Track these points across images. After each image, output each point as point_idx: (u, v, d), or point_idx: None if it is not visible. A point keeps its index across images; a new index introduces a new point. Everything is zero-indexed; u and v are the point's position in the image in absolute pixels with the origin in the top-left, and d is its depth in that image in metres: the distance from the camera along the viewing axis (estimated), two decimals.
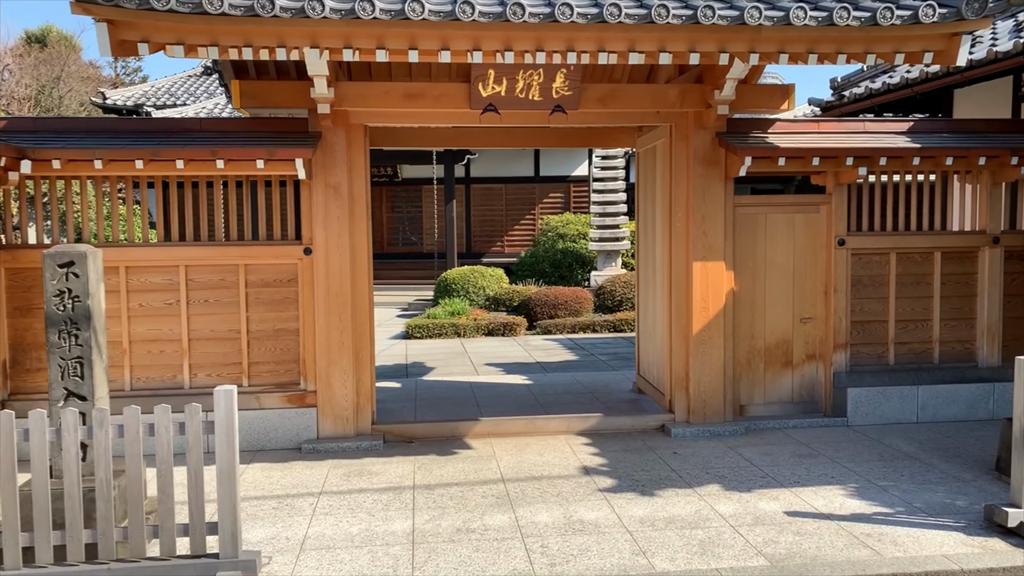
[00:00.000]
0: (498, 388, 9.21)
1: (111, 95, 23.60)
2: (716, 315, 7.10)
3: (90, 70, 32.63)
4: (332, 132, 6.66)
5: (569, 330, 14.65)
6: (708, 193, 7.05)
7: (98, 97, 23.36)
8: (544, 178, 23.89)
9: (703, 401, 7.15)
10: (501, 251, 23.81)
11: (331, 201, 6.69)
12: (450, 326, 14.39)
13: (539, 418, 7.24)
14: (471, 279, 16.98)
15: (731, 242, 7.15)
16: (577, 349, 12.84)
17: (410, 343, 13.76)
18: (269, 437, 6.78)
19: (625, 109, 6.92)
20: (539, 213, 23.59)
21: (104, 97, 23.36)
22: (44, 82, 30.23)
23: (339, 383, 6.78)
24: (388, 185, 24.36)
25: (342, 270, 6.73)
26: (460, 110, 6.75)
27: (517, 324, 14.59)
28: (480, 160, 23.72)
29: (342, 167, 6.68)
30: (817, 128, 7.29)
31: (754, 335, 7.33)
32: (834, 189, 7.25)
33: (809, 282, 7.35)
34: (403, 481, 5.92)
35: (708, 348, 7.12)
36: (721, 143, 6.95)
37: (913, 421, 7.42)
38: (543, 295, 15.52)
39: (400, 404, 8.35)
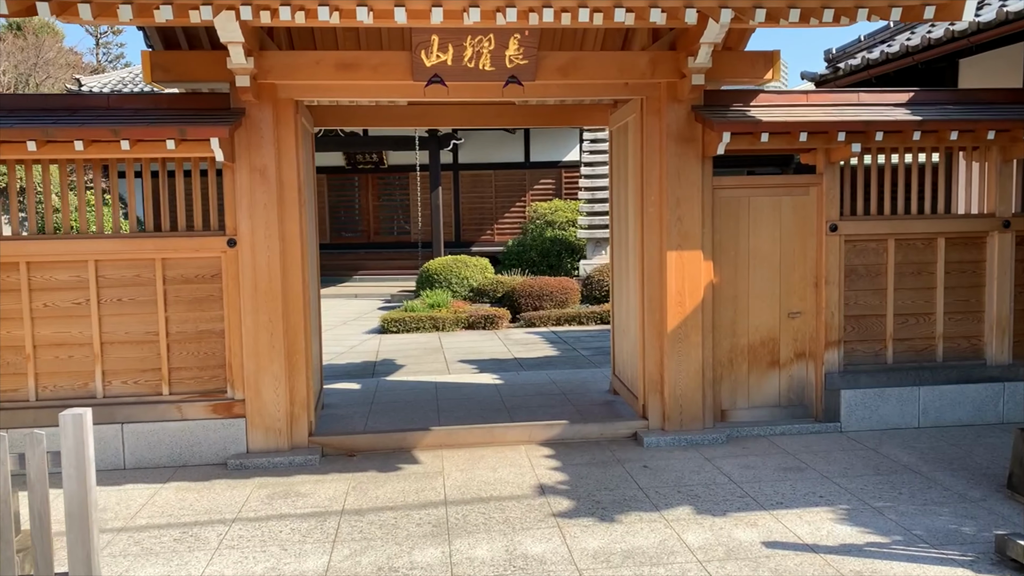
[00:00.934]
0: (465, 389, 8.49)
1: (87, 81, 22.83)
2: (694, 310, 6.36)
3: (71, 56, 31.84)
4: (257, 108, 5.92)
5: (554, 322, 13.92)
6: (683, 174, 6.29)
7: (73, 84, 22.61)
8: (535, 163, 23.10)
9: (679, 406, 6.42)
10: (491, 239, 23.06)
11: (257, 186, 5.95)
12: (428, 319, 13.67)
13: (498, 427, 6.52)
14: (454, 270, 16.25)
15: (710, 229, 6.40)
16: (559, 343, 12.11)
17: (384, 338, 13.05)
18: (193, 451, 6.07)
19: (589, 80, 6.15)
20: (530, 200, 22.82)
21: (79, 84, 22.59)
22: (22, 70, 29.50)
23: (270, 391, 6.07)
24: (374, 172, 23.61)
25: (270, 264, 5.99)
26: (402, 82, 6.00)
27: (499, 317, 13.87)
28: (468, 145, 22.94)
29: (269, 148, 5.94)
30: (806, 101, 6.51)
31: (737, 332, 6.59)
32: (825, 168, 6.48)
33: (798, 273, 6.60)
34: (331, 504, 5.21)
35: (685, 347, 6.39)
36: (697, 118, 6.19)
37: (914, 426, 6.67)
38: (528, 286, 14.79)
39: (354, 409, 7.64)
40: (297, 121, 6.11)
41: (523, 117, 7.85)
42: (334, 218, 24.00)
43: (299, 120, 6.13)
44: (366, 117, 7.67)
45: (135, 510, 5.19)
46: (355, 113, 7.66)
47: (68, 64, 30.51)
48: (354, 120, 7.66)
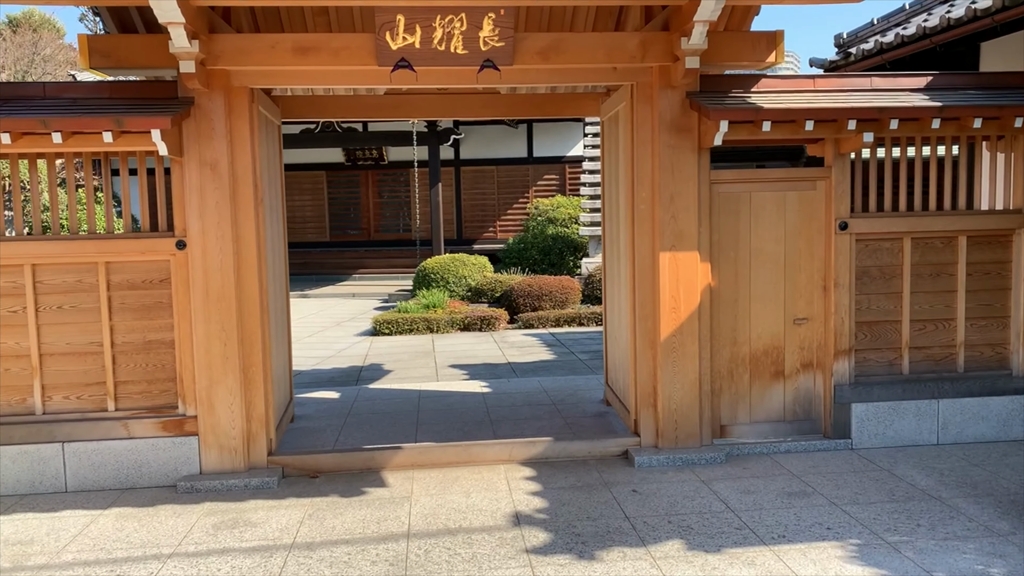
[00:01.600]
0: (449, 399, 7.96)
1: (85, 78, 22.43)
2: (689, 316, 5.80)
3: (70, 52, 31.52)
4: (207, 97, 5.39)
5: (553, 323, 13.37)
6: (678, 168, 5.72)
7: (69, 79, 22.21)
8: (538, 159, 22.54)
9: (674, 422, 5.86)
10: (493, 237, 22.54)
11: (207, 182, 5.43)
12: (422, 321, 13.15)
13: (476, 445, 5.97)
14: (452, 269, 15.73)
15: (707, 227, 5.83)
16: (557, 346, 11.56)
17: (375, 341, 12.53)
18: (141, 473, 5.56)
19: (572, 64, 5.59)
20: (533, 196, 22.28)
21: (75, 79, 22.17)
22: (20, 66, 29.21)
23: (224, 406, 5.55)
24: (374, 168, 23.13)
25: (223, 267, 5.47)
26: (366, 67, 5.46)
27: (496, 318, 13.33)
28: (470, 141, 22.40)
29: (221, 140, 5.41)
30: (813, 86, 5.92)
31: (737, 340, 6.02)
32: (834, 160, 5.90)
33: (804, 275, 6.02)
34: (282, 536, 4.68)
35: (679, 357, 5.82)
36: (692, 105, 5.62)
37: (933, 443, 6.09)
38: (526, 285, 14.24)
39: (327, 421, 7.12)
40: (253, 111, 5.58)
41: (510, 107, 7.29)
42: (333, 216, 23.54)
43: (255, 110, 5.60)
44: (338, 107, 7.13)
45: (64, 543, 4.68)
46: (326, 103, 7.13)
47: (68, 60, 30.17)
48: (326, 111, 7.12)
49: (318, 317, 15.59)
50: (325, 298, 19.06)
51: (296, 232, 23.51)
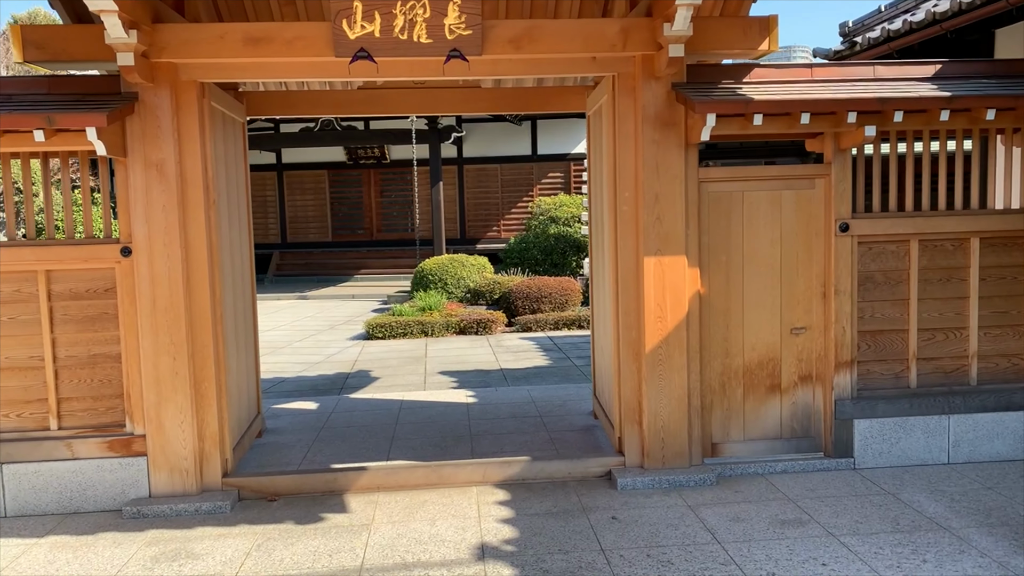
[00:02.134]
0: (431, 410, 7.55)
1: None
2: (677, 326, 5.35)
3: None
4: (152, 93, 5.00)
5: (551, 326, 12.94)
6: (663, 165, 5.28)
7: None
8: (542, 156, 22.12)
9: (661, 440, 5.42)
10: (497, 236, 22.15)
11: (153, 184, 5.04)
12: (416, 324, 12.75)
13: (447, 465, 5.55)
14: (450, 270, 15.33)
15: (695, 230, 5.39)
16: (553, 351, 11.13)
17: (368, 345, 12.15)
18: (86, 496, 5.19)
19: (548, 54, 5.16)
20: (537, 194, 21.86)
21: None
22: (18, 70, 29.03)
23: (174, 425, 5.16)
24: (376, 167, 22.79)
25: (171, 276, 5.08)
26: (323, 59, 5.05)
27: (494, 321, 12.92)
28: (473, 138, 22.01)
29: (168, 139, 5.02)
30: (810, 76, 5.46)
31: (729, 351, 5.57)
32: (834, 157, 5.43)
33: (802, 280, 5.56)
34: (223, 572, 4.28)
35: (666, 370, 5.38)
36: (678, 98, 5.17)
37: (943, 462, 5.62)
38: (525, 287, 13.82)
39: (299, 435, 6.74)
40: (203, 107, 5.18)
41: (491, 102, 6.87)
42: (335, 215, 23.22)
43: (206, 105, 5.20)
44: (309, 103, 6.73)
45: None
46: (296, 99, 6.74)
47: None
48: (297, 107, 6.72)
49: (313, 320, 15.24)
50: (324, 300, 18.72)
51: (299, 232, 23.22)
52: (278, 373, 10.26)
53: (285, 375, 10.11)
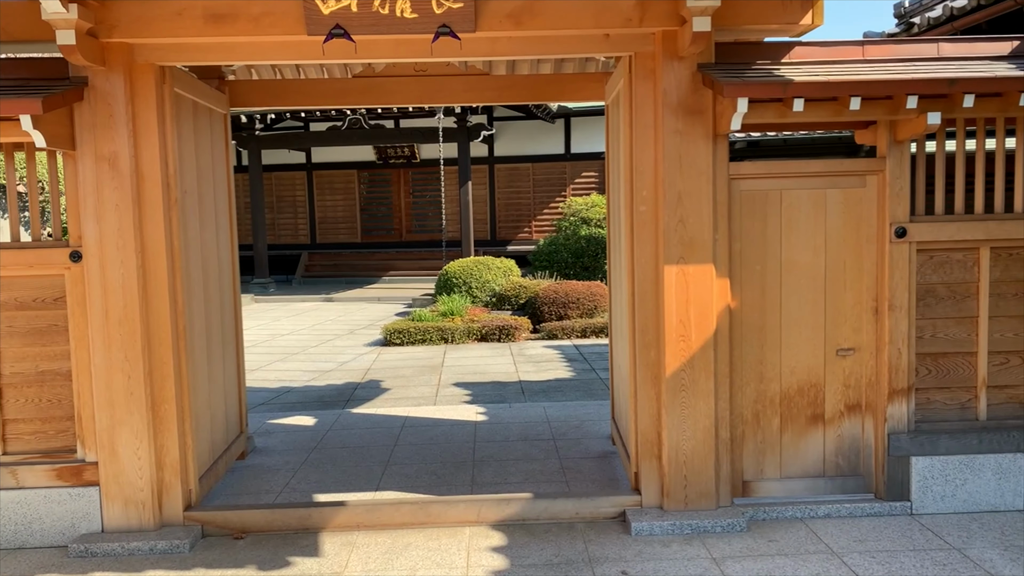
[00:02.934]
0: (436, 429, 6.90)
1: None
2: (702, 347, 4.62)
3: None
4: (104, 77, 4.42)
5: (578, 334, 12.21)
6: (687, 159, 4.55)
7: None
8: (576, 155, 21.40)
9: (683, 477, 4.68)
10: (528, 238, 21.47)
11: (105, 181, 4.46)
12: (436, 330, 12.13)
13: (436, 502, 4.88)
14: (475, 273, 14.69)
15: (725, 234, 4.65)
16: (578, 361, 10.41)
17: (384, 352, 11.56)
18: (31, 530, 4.64)
19: (553, 31, 4.46)
20: (571, 194, 21.13)
21: None
22: None
23: (128, 451, 4.59)
24: (406, 167, 22.28)
25: (125, 283, 4.50)
26: (294, 38, 4.42)
27: (517, 327, 12.24)
28: (504, 136, 21.36)
29: (121, 129, 4.44)
30: (861, 54, 4.68)
31: (765, 375, 4.81)
32: (889, 150, 4.64)
33: (850, 294, 4.78)
34: None
35: (690, 397, 4.65)
36: (705, 80, 4.43)
37: (1018, 508, 4.78)
38: (552, 291, 13.11)
39: (286, 457, 6.15)
40: (164, 93, 4.59)
41: (499, 90, 6.20)
42: (365, 216, 22.77)
43: (167, 92, 4.61)
44: (298, 93, 6.13)
45: None
46: (283, 89, 6.14)
47: None
48: (285, 97, 6.13)
49: (334, 324, 14.73)
50: (349, 302, 18.23)
51: (328, 233, 22.82)
52: (286, 382, 9.72)
53: (293, 384, 9.57)
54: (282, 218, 23.05)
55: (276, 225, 22.94)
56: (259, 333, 13.86)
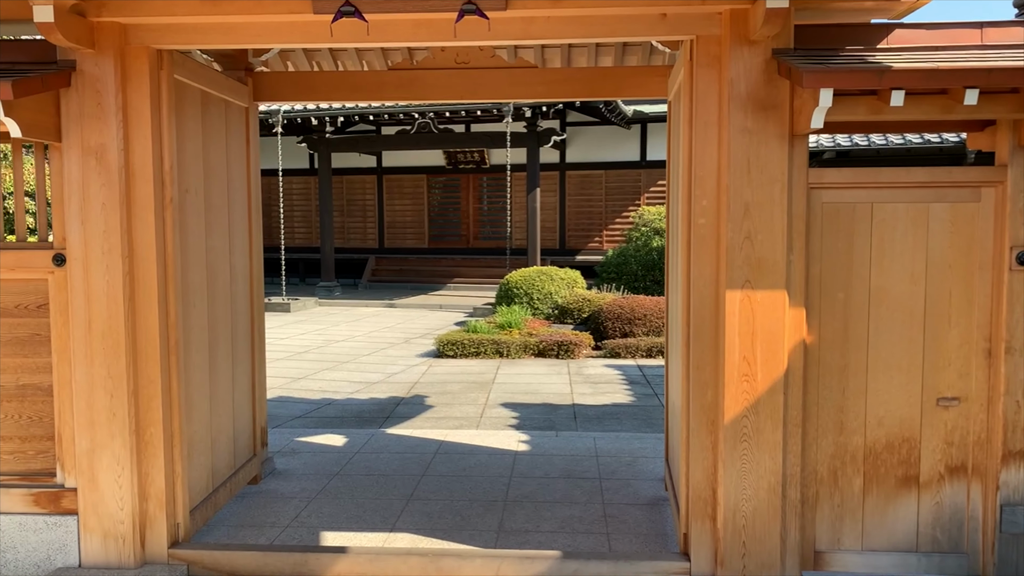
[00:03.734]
0: (472, 458, 6.27)
1: None
2: (770, 389, 3.84)
3: None
4: (93, 61, 3.96)
5: (643, 353, 11.41)
6: (757, 164, 3.79)
7: None
8: (652, 162, 20.53)
9: (740, 544, 3.91)
10: (599, 247, 20.72)
11: (91, 176, 4.00)
12: (491, 343, 11.53)
13: (448, 555, 4.23)
14: (537, 283, 14.05)
15: (801, 254, 3.87)
16: (639, 384, 9.63)
17: (435, 364, 11.02)
18: (4, 559, 4.20)
19: (599, 8, 3.79)
20: (645, 203, 20.29)
21: None
22: None
23: (110, 478, 4.11)
24: (475, 172, 21.84)
25: (110, 291, 4.03)
26: (299, 17, 3.87)
27: (578, 343, 11.52)
28: (577, 142, 20.68)
29: (110, 119, 3.97)
30: (980, 39, 3.82)
31: (845, 426, 3.99)
32: (1012, 157, 3.78)
33: (956, 332, 3.92)
34: None
35: (753, 448, 3.88)
36: (781, 69, 3.67)
37: None
38: (617, 306, 12.35)
39: (303, 484, 5.62)
40: (162, 80, 4.11)
41: (548, 85, 5.53)
42: (433, 221, 22.43)
43: (165, 79, 4.12)
44: (327, 87, 5.61)
45: None
46: (311, 82, 5.64)
47: None
48: (313, 91, 5.63)
49: (391, 332, 14.30)
50: (410, 309, 17.84)
51: (396, 238, 22.57)
52: (329, 393, 9.27)
53: (336, 396, 9.11)
54: (351, 222, 22.92)
55: (345, 228, 22.83)
56: (314, 339, 13.53)
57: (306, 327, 14.99)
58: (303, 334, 14.08)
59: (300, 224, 23.33)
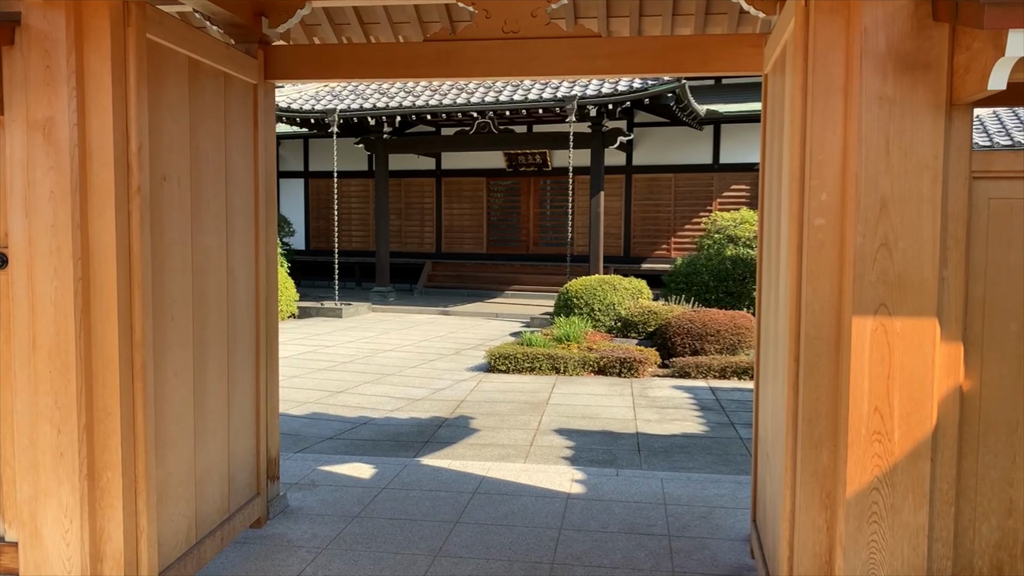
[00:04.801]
0: (515, 501, 5.33)
1: None
2: (912, 453, 2.80)
3: None
4: (40, 14, 3.17)
5: (716, 374, 10.30)
6: (899, 144, 2.76)
7: None
8: (725, 165, 19.31)
9: None
10: (666, 255, 19.58)
11: (38, 157, 3.21)
12: (546, 358, 10.57)
13: None
14: (598, 293, 13.04)
15: (960, 269, 2.81)
16: (713, 411, 8.55)
17: (485, 380, 10.13)
18: None
19: None
20: (717, 209, 19.07)
21: None
22: None
23: (55, 533, 3.30)
24: (536, 175, 20.94)
25: (60, 301, 3.23)
26: None
27: (642, 361, 10.47)
28: (644, 144, 19.59)
29: (62, 87, 3.17)
30: None
31: (1016, 505, 2.91)
32: None
33: None
34: None
35: (886, 532, 2.83)
36: (937, 11, 2.64)
37: None
38: (687, 320, 11.25)
39: (317, 527, 4.78)
40: (127, 40, 3.29)
41: (613, 59, 4.56)
42: (492, 226, 21.62)
43: (133, 38, 3.31)
44: (353, 62, 4.75)
45: None
46: (333, 56, 4.78)
47: None
48: (336, 67, 4.76)
49: (442, 342, 13.48)
50: (465, 317, 17.01)
51: (453, 242, 21.84)
52: (368, 410, 8.47)
53: (374, 415, 8.29)
54: (409, 225, 22.28)
55: (402, 232, 22.21)
56: (361, 347, 12.81)
57: (355, 334, 14.31)
58: (351, 342, 13.38)
59: (358, 227, 22.80)
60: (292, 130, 21.31)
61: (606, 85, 15.76)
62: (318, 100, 18.34)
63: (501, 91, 16.51)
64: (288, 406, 8.59)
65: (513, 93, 16.33)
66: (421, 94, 17.36)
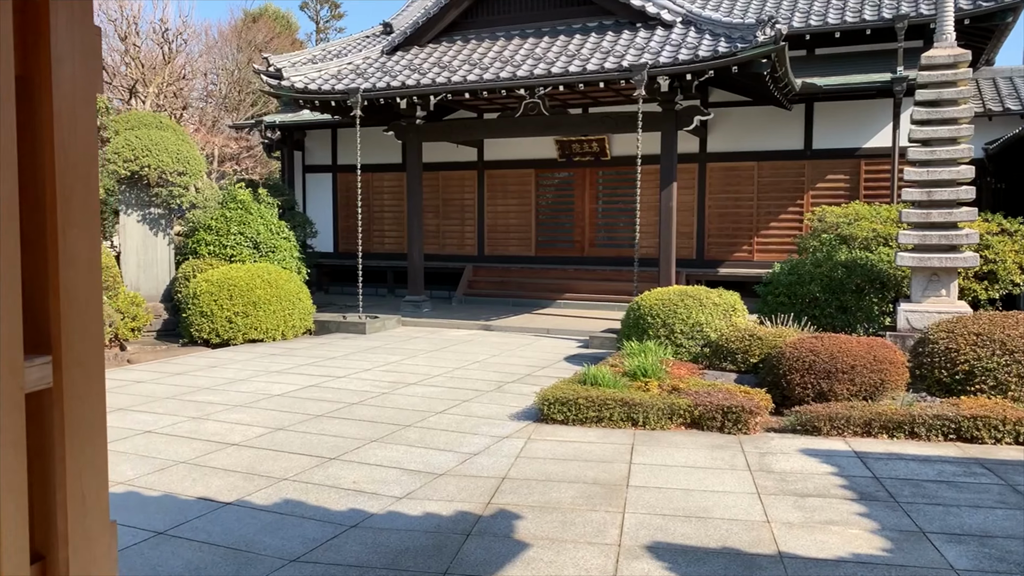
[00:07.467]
0: None
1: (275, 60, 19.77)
2: None
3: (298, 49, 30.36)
4: None
5: (859, 430, 7.35)
6: None
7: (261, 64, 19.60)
8: (819, 152, 16.19)
9: None
10: (748, 259, 16.57)
11: None
12: (619, 404, 7.74)
13: None
14: (678, 310, 10.15)
15: None
16: (879, 502, 5.64)
17: (535, 436, 7.35)
18: None
19: None
20: (810, 202, 16.00)
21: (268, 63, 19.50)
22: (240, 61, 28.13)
23: None
24: (593, 166, 18.12)
25: None
26: None
27: (751, 410, 7.57)
28: (720, 127, 16.58)
29: None
30: None
31: None
32: None
33: None
34: None
35: None
36: None
37: None
38: (807, 349, 8.31)
39: None
40: None
41: None
42: (541, 224, 18.85)
43: None
44: None
45: None
46: None
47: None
48: None
49: (481, 370, 10.73)
50: (510, 333, 14.25)
51: (497, 243, 19.13)
52: (364, 497, 5.76)
53: (372, 507, 5.58)
54: (447, 224, 19.64)
55: (440, 233, 19.59)
56: (379, 378, 10.13)
57: (376, 358, 11.67)
58: (367, 370, 10.73)
59: (391, 227, 20.27)
60: (318, 117, 18.86)
61: (683, 51, 12.81)
62: (339, 79, 15.76)
63: (553, 63, 13.70)
64: (254, 486, 5.95)
65: (568, 64, 13.49)
66: (458, 69, 14.64)
